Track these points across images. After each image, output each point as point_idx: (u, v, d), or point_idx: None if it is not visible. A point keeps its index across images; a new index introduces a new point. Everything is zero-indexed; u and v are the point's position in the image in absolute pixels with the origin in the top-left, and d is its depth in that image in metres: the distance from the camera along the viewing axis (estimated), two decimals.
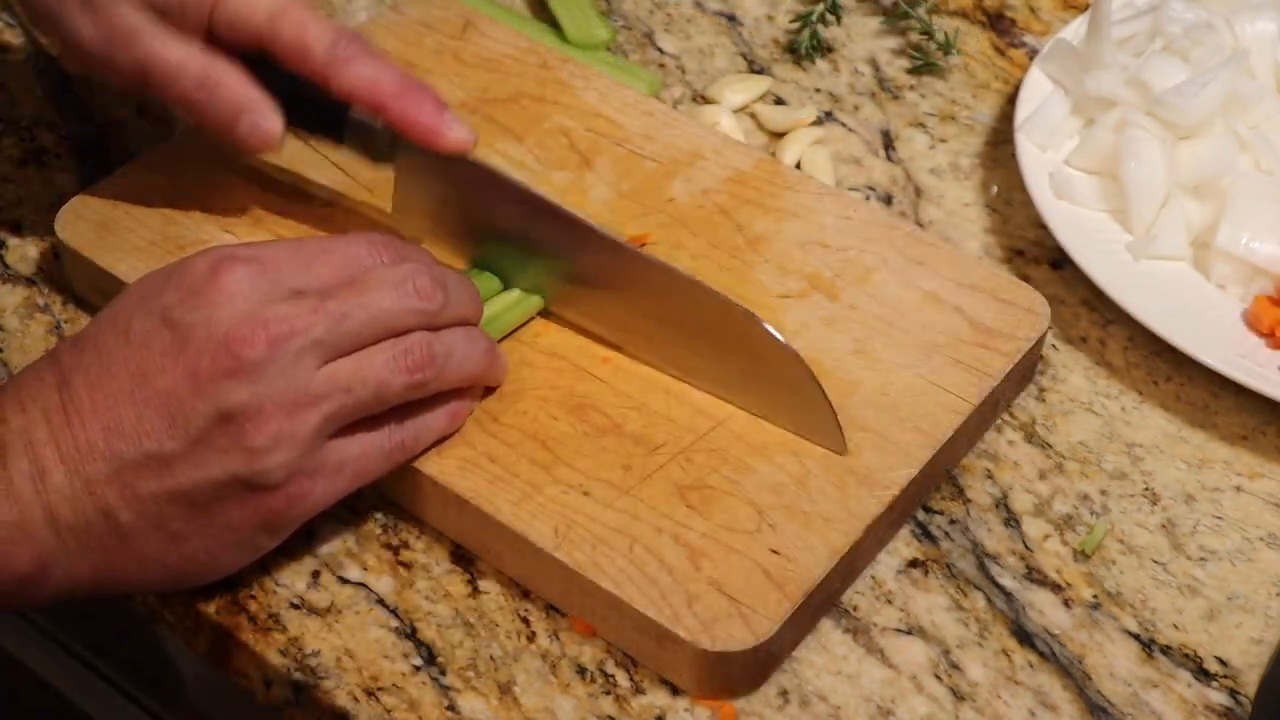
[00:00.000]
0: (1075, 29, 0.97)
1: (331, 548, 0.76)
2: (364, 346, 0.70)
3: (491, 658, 0.72)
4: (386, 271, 0.71)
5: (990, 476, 0.80)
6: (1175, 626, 0.75)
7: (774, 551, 0.72)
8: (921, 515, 0.78)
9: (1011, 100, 0.98)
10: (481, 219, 0.80)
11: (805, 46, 1.01)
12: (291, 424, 0.67)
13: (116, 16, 0.76)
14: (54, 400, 0.67)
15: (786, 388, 0.75)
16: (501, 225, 0.80)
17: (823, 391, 0.75)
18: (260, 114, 0.78)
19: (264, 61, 0.79)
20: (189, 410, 0.66)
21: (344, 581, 0.75)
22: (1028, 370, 0.83)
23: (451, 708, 0.71)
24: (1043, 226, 0.90)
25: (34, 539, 0.66)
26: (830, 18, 1.03)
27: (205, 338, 0.67)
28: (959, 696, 0.72)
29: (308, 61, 0.78)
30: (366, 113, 0.79)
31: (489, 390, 0.77)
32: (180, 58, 0.77)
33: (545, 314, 0.81)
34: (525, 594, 0.74)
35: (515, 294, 0.80)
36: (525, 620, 0.74)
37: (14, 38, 1.00)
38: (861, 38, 1.03)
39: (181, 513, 0.68)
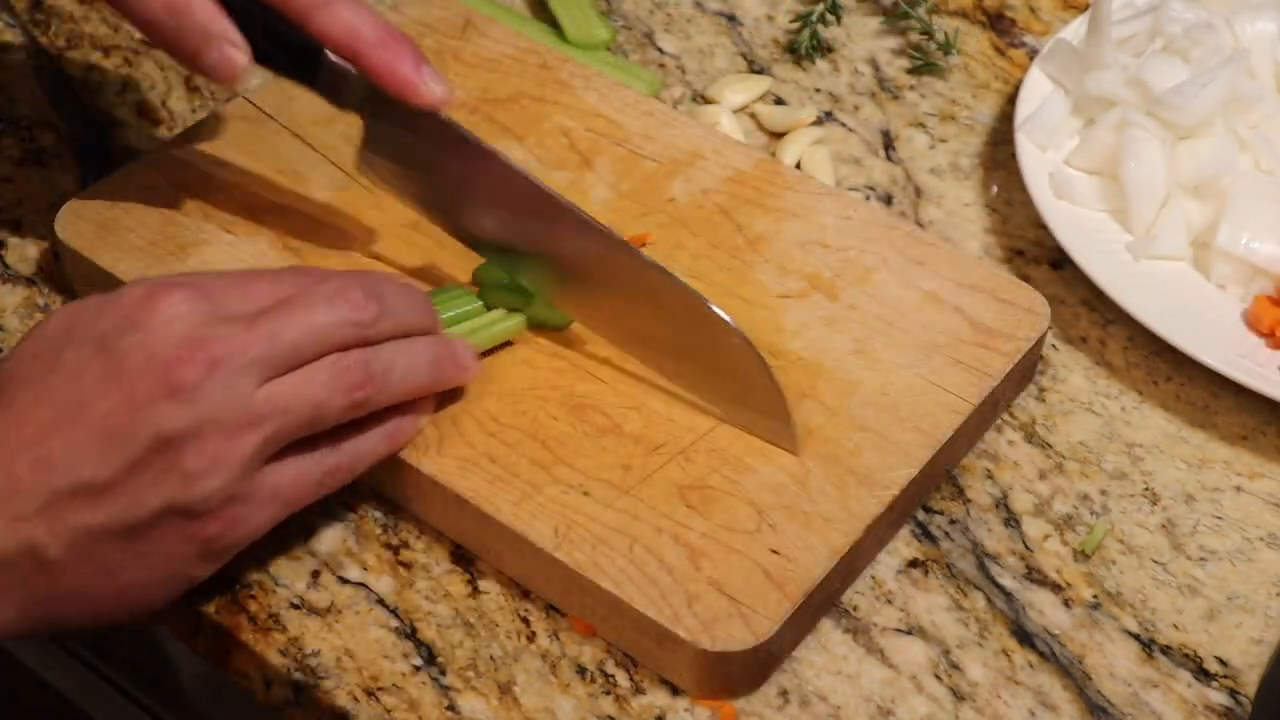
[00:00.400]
0: (1075, 29, 0.97)
1: (331, 548, 0.76)
2: (303, 364, 0.68)
3: (491, 658, 0.72)
4: (320, 286, 0.70)
5: (990, 476, 0.80)
6: (1175, 626, 0.75)
7: (774, 551, 0.72)
8: (921, 515, 0.78)
9: (1011, 100, 0.98)
10: (448, 179, 0.79)
11: (805, 46, 1.01)
12: (229, 447, 0.66)
13: None
14: None
15: (740, 379, 0.75)
16: (466, 188, 0.78)
17: (773, 377, 0.74)
18: (228, 45, 0.76)
19: None
20: (126, 436, 0.65)
21: (344, 581, 0.75)
22: (1028, 370, 0.83)
23: (451, 708, 0.71)
24: (1043, 226, 0.90)
25: None
26: (830, 18, 1.03)
27: (143, 361, 0.65)
28: (959, 696, 0.72)
29: (287, 1, 0.76)
30: (342, 59, 0.77)
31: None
32: None
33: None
34: (525, 594, 0.74)
35: (495, 314, 0.79)
36: (525, 620, 0.74)
37: (14, 38, 1.00)
38: (861, 38, 1.03)
39: (115, 544, 0.66)
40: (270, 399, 0.67)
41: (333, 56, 0.77)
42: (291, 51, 0.78)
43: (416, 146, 0.79)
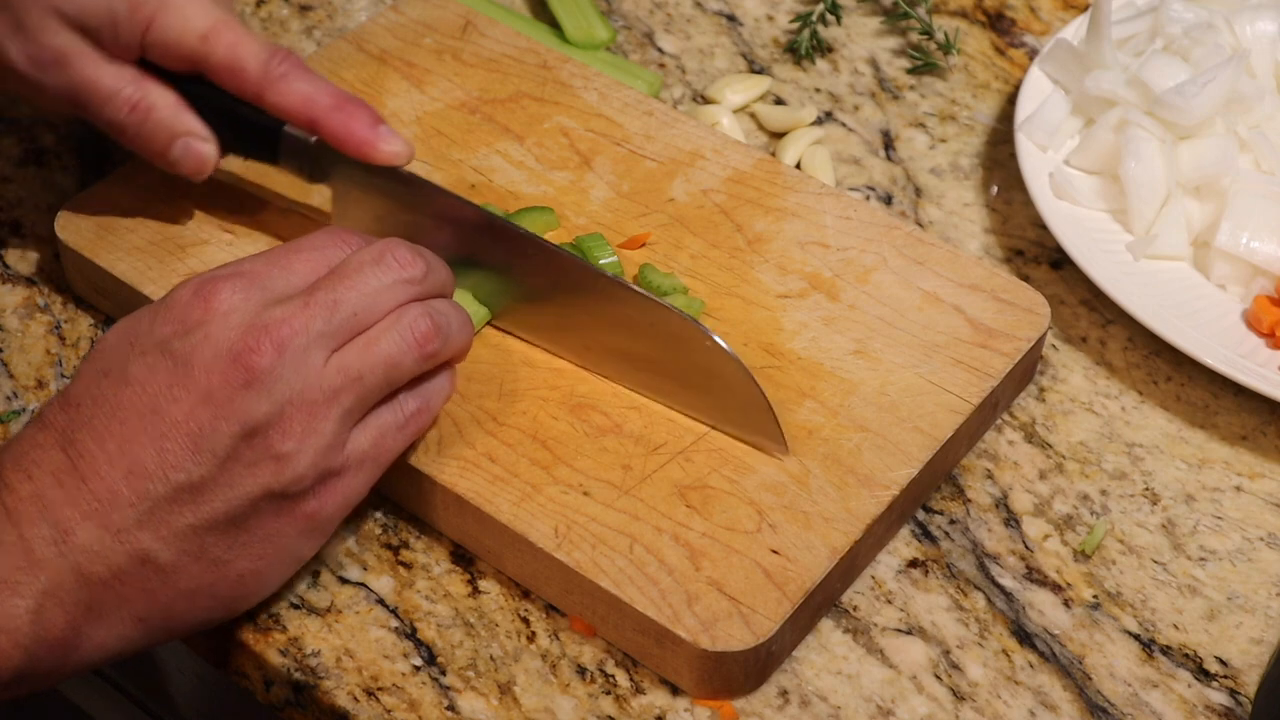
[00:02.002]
0: (1075, 29, 0.97)
1: (331, 548, 0.76)
2: (363, 329, 0.69)
3: (491, 658, 0.72)
4: (363, 253, 0.71)
5: (990, 476, 0.80)
6: (1175, 626, 0.75)
7: (774, 551, 0.72)
8: (921, 515, 0.78)
9: (1011, 100, 0.98)
10: (420, 234, 0.79)
11: (805, 46, 1.01)
12: (315, 423, 0.67)
13: (47, 39, 0.76)
14: (60, 461, 0.66)
15: (725, 390, 0.75)
16: (440, 239, 0.79)
17: (759, 390, 0.74)
18: (193, 139, 0.78)
19: (199, 81, 0.79)
20: (211, 432, 0.66)
21: (344, 581, 0.75)
22: (1028, 370, 0.83)
23: (451, 708, 0.71)
24: (1043, 226, 0.90)
25: (66, 603, 0.65)
26: (830, 18, 1.03)
27: (211, 357, 0.66)
28: (959, 696, 0.72)
29: (242, 80, 0.78)
30: (301, 130, 0.79)
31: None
32: (112, 83, 0.77)
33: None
34: (525, 594, 0.74)
35: (464, 300, 0.80)
36: (525, 620, 0.74)
37: None
38: (861, 38, 1.03)
39: (221, 538, 0.67)
40: (342, 369, 0.68)
41: (292, 129, 0.79)
42: (253, 132, 0.80)
43: (385, 206, 0.80)
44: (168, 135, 0.78)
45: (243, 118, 0.79)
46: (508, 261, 0.79)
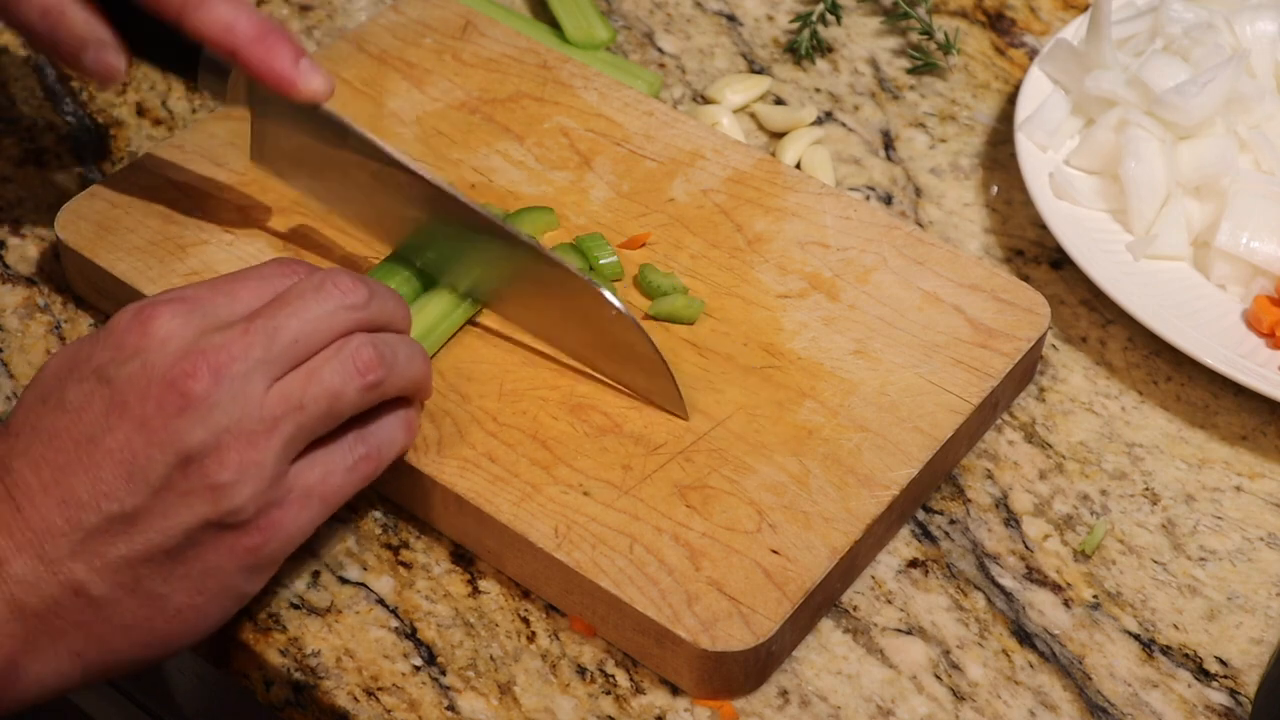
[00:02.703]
0: (1075, 29, 0.97)
1: (331, 548, 0.76)
2: (306, 358, 0.67)
3: (491, 658, 0.72)
4: (306, 281, 0.69)
5: (990, 476, 0.80)
6: (1175, 626, 0.75)
7: (774, 551, 0.72)
8: (921, 515, 0.78)
9: (1011, 100, 0.98)
10: (335, 171, 0.78)
11: (805, 46, 1.01)
12: (253, 453, 0.65)
13: None
14: None
15: (629, 353, 0.76)
16: (356, 176, 0.78)
17: (656, 351, 0.76)
18: (103, 49, 0.76)
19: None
20: (145, 460, 0.64)
21: (344, 581, 0.75)
22: (1028, 370, 0.83)
23: (451, 708, 0.71)
24: (1043, 226, 0.90)
25: (1, 635, 0.63)
26: (830, 18, 1.03)
27: (146, 384, 0.64)
28: (959, 696, 0.72)
29: (161, 3, 0.76)
30: (216, 57, 0.77)
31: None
32: None
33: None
34: (525, 594, 0.74)
35: (445, 302, 0.79)
36: (525, 620, 0.74)
37: (14, 38, 1.00)
38: (861, 38, 1.03)
39: (157, 570, 0.65)
40: (284, 398, 0.66)
41: (209, 54, 0.77)
42: (171, 50, 0.78)
43: (300, 139, 0.79)
44: (78, 42, 0.76)
45: (160, 37, 0.77)
46: (416, 200, 0.78)
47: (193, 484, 0.64)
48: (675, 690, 0.71)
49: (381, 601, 0.74)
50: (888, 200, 0.93)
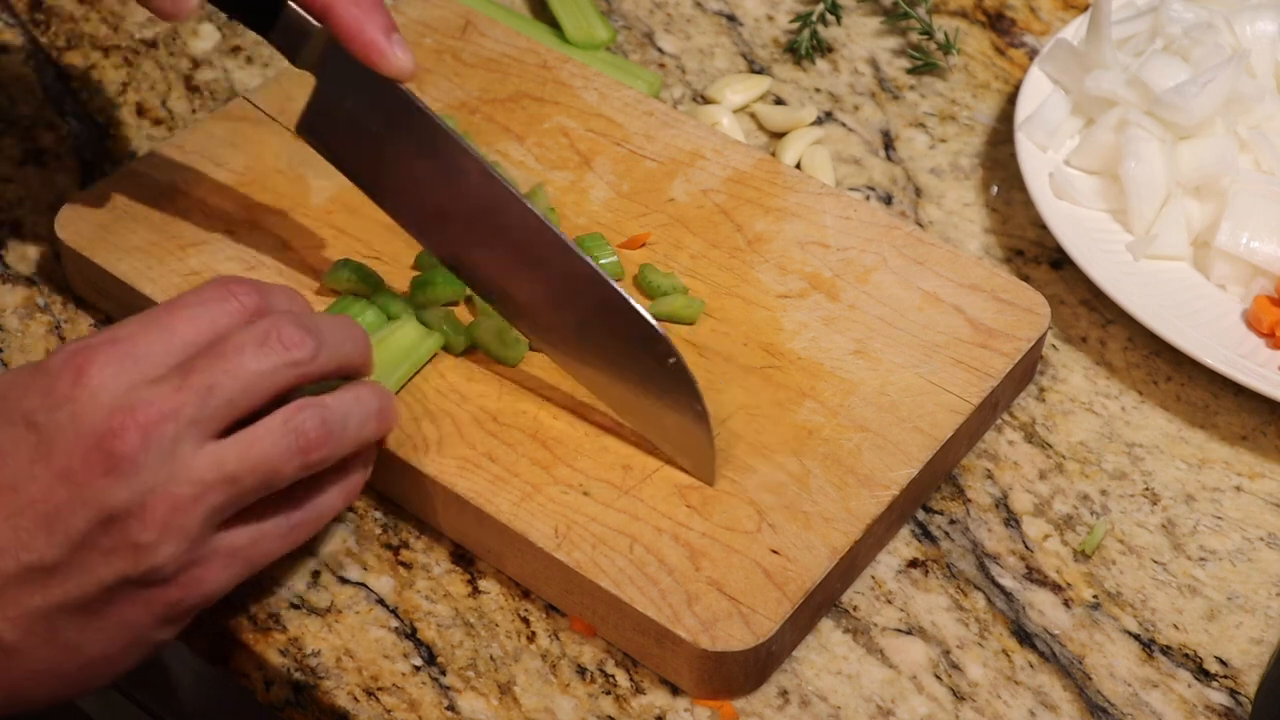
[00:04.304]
0: (1075, 29, 0.97)
1: (331, 548, 0.76)
2: (241, 415, 0.65)
3: (491, 658, 0.72)
4: (247, 331, 0.65)
5: (990, 476, 0.80)
6: (1175, 626, 0.75)
7: (774, 551, 0.72)
8: (921, 515, 0.78)
9: (1011, 100, 0.98)
10: (394, 158, 0.75)
11: (805, 46, 1.01)
12: (177, 517, 0.63)
13: None
14: None
15: (671, 404, 0.73)
16: (412, 167, 0.75)
17: (703, 406, 0.72)
18: None
19: None
20: (67, 515, 0.62)
21: (344, 581, 0.75)
22: (1028, 370, 0.83)
23: (451, 708, 0.71)
24: (1043, 226, 0.90)
25: None
26: (830, 18, 1.03)
27: (74, 437, 0.62)
28: (959, 696, 0.72)
29: None
30: (309, 12, 0.74)
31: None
32: None
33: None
34: (525, 594, 0.74)
35: (411, 334, 0.77)
36: (525, 620, 0.74)
37: (14, 38, 1.00)
38: (861, 38, 1.03)
39: (73, 621, 0.63)
40: (216, 465, 0.64)
41: (295, 7, 0.74)
42: None
43: (367, 118, 0.75)
44: None
45: None
46: (483, 217, 0.74)
47: (114, 542, 0.62)
48: (675, 690, 0.71)
49: (381, 601, 0.74)
50: (888, 200, 0.93)
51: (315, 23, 0.74)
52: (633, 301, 0.72)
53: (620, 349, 0.74)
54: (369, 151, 0.76)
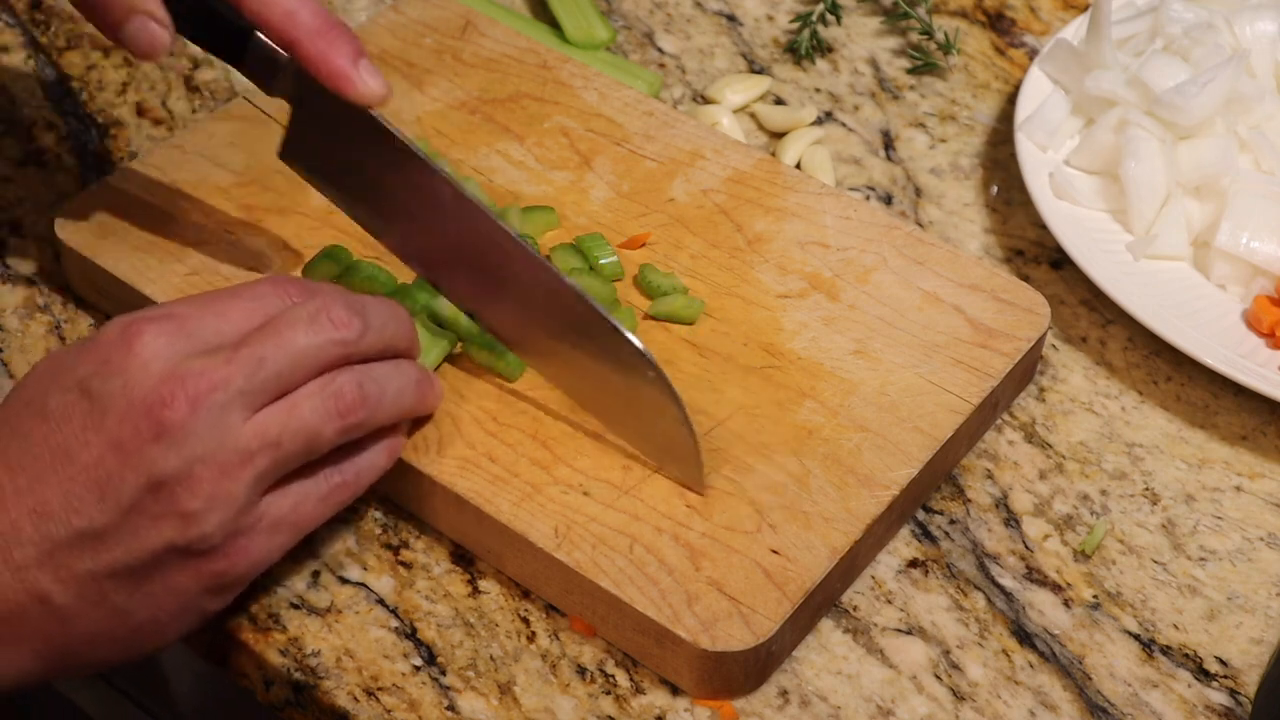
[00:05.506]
0: (1075, 29, 0.97)
1: (331, 548, 0.76)
2: (288, 390, 0.67)
3: (491, 658, 0.72)
4: (298, 309, 0.68)
5: (990, 476, 0.80)
6: (1175, 626, 0.75)
7: (774, 551, 0.72)
8: (921, 515, 0.78)
9: (1011, 100, 0.98)
10: (371, 181, 0.76)
11: (805, 46, 1.01)
12: (224, 484, 0.65)
13: None
14: None
15: (655, 417, 0.73)
16: (389, 193, 0.75)
17: (686, 418, 0.72)
18: (150, 19, 0.73)
19: None
20: (117, 482, 0.64)
21: (344, 581, 0.75)
22: (1028, 370, 0.83)
23: (451, 708, 0.71)
24: (1043, 226, 0.90)
25: None
26: (830, 18, 1.03)
27: (125, 405, 0.64)
28: (959, 696, 0.72)
29: None
30: (276, 44, 0.74)
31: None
32: None
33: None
34: (525, 594, 0.74)
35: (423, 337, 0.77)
36: (525, 620, 0.74)
37: (14, 38, 1.00)
38: (861, 38, 1.03)
39: (122, 586, 0.65)
40: (260, 432, 0.66)
41: (262, 38, 0.74)
42: (220, 29, 0.75)
43: (342, 143, 0.76)
44: (124, 10, 0.73)
45: (211, 16, 0.75)
46: (461, 238, 0.75)
47: (162, 509, 0.64)
48: (675, 690, 0.71)
49: (381, 601, 0.74)
50: (888, 200, 0.93)
51: (283, 53, 0.74)
52: (610, 317, 0.72)
53: (600, 364, 0.74)
54: (346, 176, 0.77)
